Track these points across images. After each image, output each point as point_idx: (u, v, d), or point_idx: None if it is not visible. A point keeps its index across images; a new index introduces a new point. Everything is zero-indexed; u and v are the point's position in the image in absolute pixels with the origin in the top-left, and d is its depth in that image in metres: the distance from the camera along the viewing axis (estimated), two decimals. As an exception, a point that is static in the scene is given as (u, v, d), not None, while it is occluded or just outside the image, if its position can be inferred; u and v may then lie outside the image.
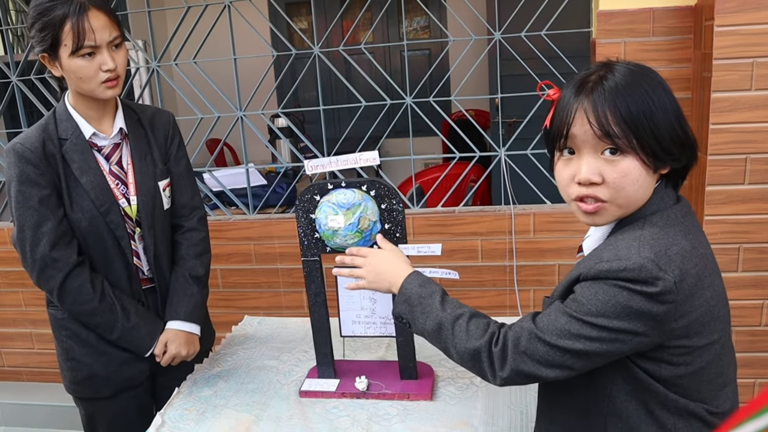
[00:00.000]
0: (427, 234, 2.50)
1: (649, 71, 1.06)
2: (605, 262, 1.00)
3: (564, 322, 1.03)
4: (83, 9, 1.46)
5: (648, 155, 1.01)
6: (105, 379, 1.70)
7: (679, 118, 1.04)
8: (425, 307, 1.20)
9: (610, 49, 2.20)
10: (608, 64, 1.07)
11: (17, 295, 2.88)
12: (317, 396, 1.55)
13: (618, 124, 1.00)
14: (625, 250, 0.99)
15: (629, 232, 1.04)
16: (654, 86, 1.02)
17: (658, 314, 0.97)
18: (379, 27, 5.81)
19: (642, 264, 0.96)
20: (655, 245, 0.99)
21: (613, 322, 0.98)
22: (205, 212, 1.83)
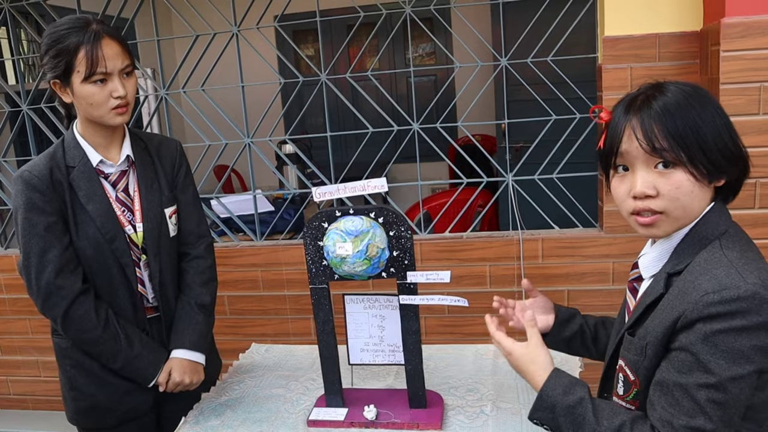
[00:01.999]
0: (435, 260, 2.49)
1: (698, 89, 1.08)
2: (712, 293, 0.96)
3: (704, 396, 0.97)
4: (97, 37, 1.49)
5: (698, 168, 1.03)
6: (108, 410, 1.69)
7: (730, 132, 1.06)
8: (576, 418, 1.08)
9: (617, 75, 2.20)
10: (657, 85, 1.10)
11: (24, 322, 2.88)
12: (325, 425, 1.53)
13: (666, 138, 1.03)
14: (727, 278, 0.97)
15: (711, 257, 1.03)
16: (702, 102, 1.05)
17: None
18: (385, 54, 5.86)
19: (754, 291, 0.95)
20: (753, 270, 0.99)
21: (745, 367, 0.95)
22: (211, 240, 1.83)
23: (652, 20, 2.17)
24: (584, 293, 2.41)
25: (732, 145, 1.05)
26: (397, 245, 1.43)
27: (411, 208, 3.84)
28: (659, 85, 1.09)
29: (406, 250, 1.43)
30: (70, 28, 1.50)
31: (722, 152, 1.04)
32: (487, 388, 1.64)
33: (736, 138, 1.07)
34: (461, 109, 4.75)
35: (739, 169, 1.08)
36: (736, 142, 1.06)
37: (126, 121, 1.60)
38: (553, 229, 2.47)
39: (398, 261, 1.44)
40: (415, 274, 1.43)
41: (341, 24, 5.52)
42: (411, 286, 1.46)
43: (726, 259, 1.01)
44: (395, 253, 1.43)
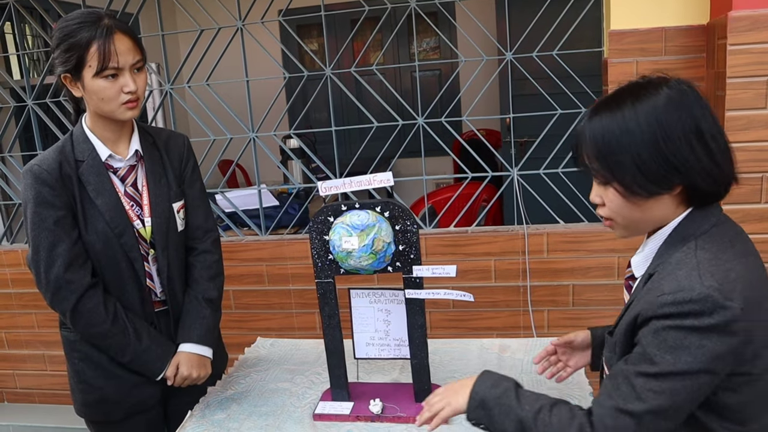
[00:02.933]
0: (439, 254, 2.49)
1: (673, 98, 1.05)
2: (668, 294, 0.98)
3: (641, 383, 0.99)
4: (110, 32, 1.49)
5: (626, 187, 1.05)
6: (116, 403, 1.69)
7: (667, 143, 1.02)
8: (502, 408, 1.12)
9: (622, 69, 2.20)
10: (621, 92, 1.09)
11: (30, 316, 2.89)
12: (331, 419, 1.53)
13: (594, 159, 1.07)
14: (686, 280, 0.98)
15: (683, 257, 1.03)
16: (650, 118, 1.03)
17: (732, 344, 0.96)
18: (390, 48, 5.85)
19: (707, 294, 0.95)
20: (716, 272, 0.98)
21: (691, 364, 0.96)
22: (218, 234, 1.83)
23: (659, 14, 2.16)
24: (589, 288, 2.41)
25: (666, 159, 1.02)
26: (403, 239, 1.43)
27: (416, 203, 3.84)
28: (621, 93, 1.08)
29: (412, 245, 1.43)
30: (82, 22, 1.50)
31: (647, 173, 1.03)
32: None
33: (679, 148, 1.02)
34: (466, 103, 4.74)
35: (697, 178, 1.03)
36: (678, 153, 1.02)
37: (136, 116, 1.61)
38: (559, 223, 2.47)
39: (404, 255, 1.44)
40: (421, 268, 1.43)
41: (345, 18, 5.51)
42: (417, 281, 1.46)
43: (695, 261, 1.01)
44: (401, 247, 1.44)
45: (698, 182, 1.04)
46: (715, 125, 1.06)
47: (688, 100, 1.05)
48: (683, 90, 1.06)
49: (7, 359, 3.00)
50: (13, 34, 4.23)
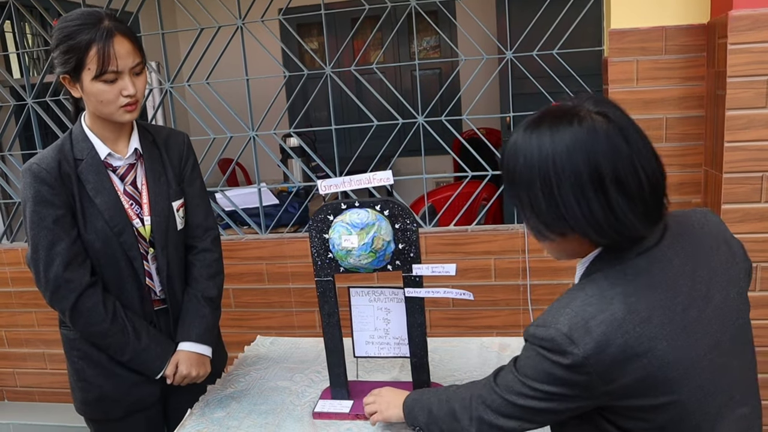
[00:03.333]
0: (439, 253, 2.49)
1: (580, 137, 0.98)
2: (534, 326, 1.03)
3: (511, 379, 1.08)
4: (110, 35, 1.47)
5: (529, 225, 1.06)
6: (115, 401, 1.70)
7: (559, 188, 0.98)
8: (420, 403, 1.32)
9: (623, 68, 2.20)
10: (542, 117, 1.05)
11: (30, 315, 2.89)
12: (331, 417, 1.53)
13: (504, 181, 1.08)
14: (551, 316, 1.01)
15: (576, 288, 1.04)
16: (540, 149, 1.00)
17: (579, 382, 0.99)
18: (390, 47, 5.85)
19: (553, 337, 0.99)
20: (578, 315, 0.98)
21: (543, 386, 1.02)
22: (218, 233, 1.83)
23: (659, 13, 2.15)
24: (589, 287, 2.41)
25: (555, 205, 0.99)
26: (403, 238, 1.43)
27: (416, 202, 3.84)
28: (544, 116, 1.03)
29: (412, 243, 1.43)
30: (82, 24, 1.48)
31: (539, 215, 1.02)
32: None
33: (572, 197, 0.98)
34: (466, 102, 4.75)
35: (589, 230, 1.00)
36: (569, 204, 0.98)
37: (134, 118, 1.60)
38: (558, 222, 2.46)
39: (404, 254, 1.44)
40: (421, 266, 1.43)
41: (346, 17, 5.51)
42: (416, 279, 1.46)
43: (573, 297, 1.02)
44: (401, 245, 1.43)
45: (590, 235, 1.01)
46: (630, 169, 0.97)
47: (596, 141, 0.97)
48: (593, 128, 0.98)
49: (8, 357, 3.00)
50: (13, 33, 4.23)
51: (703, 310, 1.02)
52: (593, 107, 1.01)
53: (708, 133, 2.16)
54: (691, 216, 1.15)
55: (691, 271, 1.04)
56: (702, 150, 2.21)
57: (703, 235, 1.11)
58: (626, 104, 2.19)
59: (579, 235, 1.01)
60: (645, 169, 0.98)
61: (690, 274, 1.04)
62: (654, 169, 1.00)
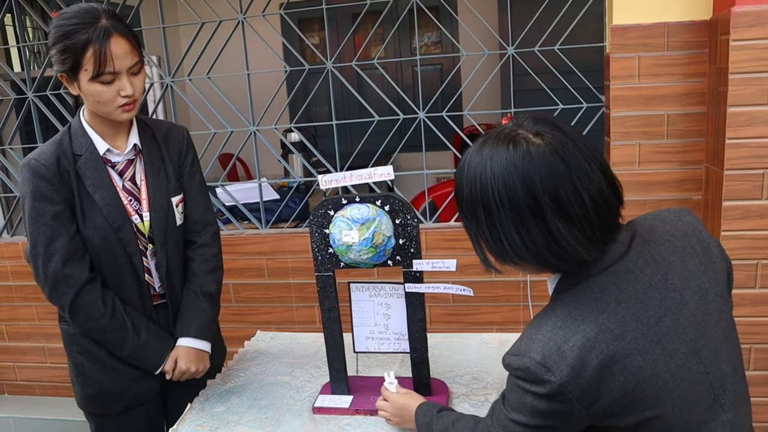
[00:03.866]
0: (440, 249, 2.49)
1: (519, 163, 0.96)
2: (508, 354, 1.03)
3: (502, 416, 1.07)
4: (107, 35, 1.45)
5: (478, 256, 1.07)
6: (115, 396, 1.70)
7: (495, 219, 0.98)
8: (430, 429, 1.32)
9: (624, 64, 2.19)
10: (508, 135, 1.00)
11: (30, 309, 2.89)
12: (331, 412, 1.54)
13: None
14: (525, 344, 1.00)
15: (544, 312, 1.04)
16: (480, 173, 0.99)
17: (561, 410, 0.98)
18: (391, 42, 5.84)
19: (527, 366, 0.97)
20: (550, 340, 0.97)
21: (528, 419, 1.02)
22: (218, 228, 1.82)
23: (661, 9, 2.15)
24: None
25: (496, 237, 0.99)
26: (403, 233, 1.43)
27: (416, 197, 3.83)
28: (488, 138, 1.01)
29: (412, 239, 1.43)
30: (79, 23, 1.45)
31: (487, 245, 1.02)
32: (492, 377, 1.64)
33: (511, 230, 0.97)
34: (467, 98, 4.75)
35: (531, 260, 0.99)
36: (509, 235, 0.98)
37: (132, 117, 1.59)
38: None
39: (404, 249, 1.44)
40: (421, 262, 1.43)
41: (347, 12, 5.50)
42: (417, 275, 1.46)
43: (543, 321, 1.01)
44: (401, 241, 1.43)
45: (534, 265, 1.01)
46: (570, 190, 0.94)
47: (531, 165, 0.95)
48: (528, 152, 0.95)
49: (8, 351, 3.00)
50: (13, 26, 4.22)
51: (677, 319, 1.00)
52: (531, 128, 0.99)
53: (709, 129, 2.16)
54: (664, 217, 1.12)
55: (662, 279, 1.01)
56: (703, 147, 2.21)
57: (676, 237, 1.08)
58: (628, 101, 2.20)
59: (524, 264, 1.01)
60: (587, 189, 0.94)
61: (661, 283, 1.01)
62: (599, 186, 0.96)
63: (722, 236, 2.06)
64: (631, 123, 2.22)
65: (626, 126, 2.23)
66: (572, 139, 0.98)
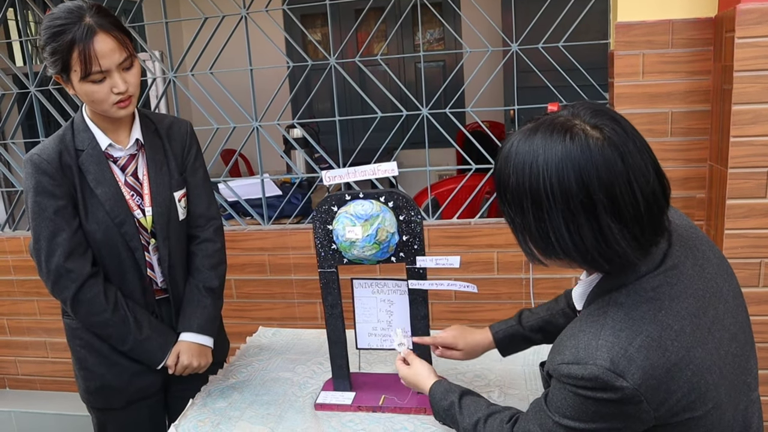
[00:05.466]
0: (442, 246, 2.48)
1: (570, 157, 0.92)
2: (565, 364, 0.97)
3: (550, 425, 1.02)
4: (90, 34, 1.43)
5: (521, 247, 1.02)
6: (117, 390, 1.70)
7: (547, 212, 0.93)
8: (452, 418, 1.29)
9: (629, 61, 2.18)
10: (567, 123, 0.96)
11: (32, 303, 2.89)
12: (333, 409, 1.53)
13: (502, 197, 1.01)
14: (583, 350, 0.95)
15: (594, 313, 0.99)
16: (532, 165, 0.94)
17: (631, 413, 0.94)
18: (394, 39, 5.83)
19: (597, 375, 0.92)
20: (614, 345, 0.93)
21: (590, 425, 0.97)
22: (221, 223, 1.82)
23: (666, 6, 2.14)
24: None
25: (544, 230, 0.95)
26: (407, 230, 1.43)
27: (418, 194, 3.82)
28: (539, 126, 0.97)
29: (416, 235, 1.43)
30: (64, 23, 1.44)
31: (530, 238, 0.99)
32: (494, 375, 1.64)
33: (560, 226, 0.93)
34: (469, 95, 4.73)
35: (578, 258, 0.96)
36: (558, 230, 0.94)
37: (130, 113, 1.58)
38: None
39: (408, 245, 1.43)
40: (425, 259, 1.42)
41: (349, 8, 5.48)
42: (420, 271, 1.46)
43: (601, 322, 0.97)
44: (405, 237, 1.43)
45: (579, 263, 0.97)
46: (625, 189, 0.90)
47: (589, 160, 0.91)
48: (587, 145, 0.91)
49: (9, 346, 3.00)
50: (15, 21, 4.21)
51: (717, 307, 1.01)
52: (589, 119, 0.95)
53: (714, 127, 2.15)
54: (672, 215, 1.11)
55: (700, 270, 1.02)
56: (707, 145, 2.20)
57: (693, 227, 1.10)
58: (632, 98, 2.19)
59: (570, 261, 0.98)
60: (642, 189, 0.92)
61: (701, 274, 1.02)
62: (653, 187, 0.93)
63: (726, 235, 2.06)
64: (635, 120, 2.18)
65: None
66: (630, 134, 0.94)
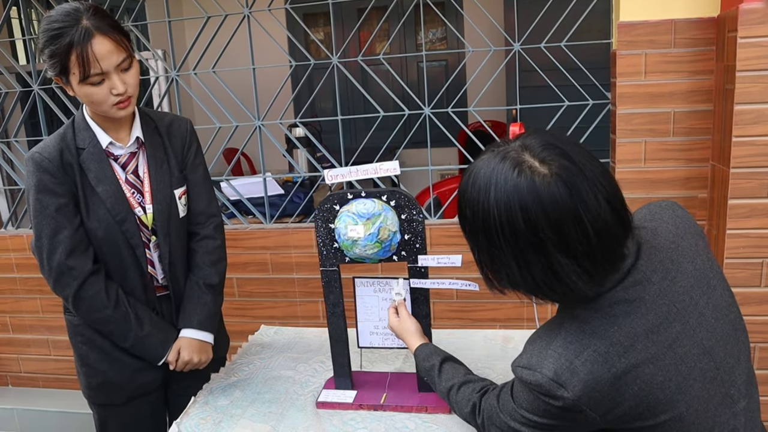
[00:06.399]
0: (444, 245, 2.49)
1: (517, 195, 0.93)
2: (519, 367, 1.03)
3: (510, 408, 1.09)
4: (87, 37, 1.43)
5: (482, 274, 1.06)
6: (118, 387, 1.71)
7: (491, 249, 0.98)
8: (431, 379, 1.38)
9: (631, 61, 2.18)
10: (513, 160, 0.96)
11: (35, 301, 2.90)
12: (334, 407, 1.54)
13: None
14: (535, 357, 1.01)
15: (553, 324, 1.04)
16: (486, 194, 0.96)
17: (577, 417, 0.99)
18: (396, 39, 5.83)
19: (540, 383, 0.98)
20: (561, 356, 0.97)
21: (542, 419, 1.03)
22: (221, 220, 1.83)
23: (668, 6, 2.14)
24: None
25: (491, 263, 1.01)
26: (409, 229, 1.43)
27: (420, 194, 3.83)
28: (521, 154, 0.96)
29: (418, 234, 1.43)
30: (62, 26, 1.44)
31: (483, 266, 1.04)
32: (495, 373, 1.64)
33: (508, 262, 0.97)
34: (471, 95, 4.73)
35: (529, 292, 1.01)
36: (505, 264, 0.98)
37: (129, 113, 1.59)
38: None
39: (410, 244, 1.44)
40: (426, 257, 1.43)
41: (352, 8, 5.49)
42: (422, 270, 1.46)
43: (552, 336, 1.01)
44: (407, 236, 1.43)
45: (532, 297, 1.01)
46: (572, 224, 0.90)
47: (535, 197, 0.91)
48: (532, 183, 0.91)
49: (12, 344, 3.01)
50: (19, 19, 4.22)
51: (686, 321, 1.00)
52: (539, 153, 0.94)
53: (716, 127, 2.15)
54: (662, 216, 1.11)
55: (670, 284, 1.01)
56: (709, 144, 2.20)
57: (680, 237, 1.08)
58: (634, 98, 2.19)
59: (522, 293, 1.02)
60: (592, 223, 0.91)
61: (669, 288, 1.01)
62: (605, 219, 0.92)
63: (728, 235, 2.06)
64: (637, 120, 2.21)
65: (632, 123, 2.22)
66: (580, 167, 0.93)
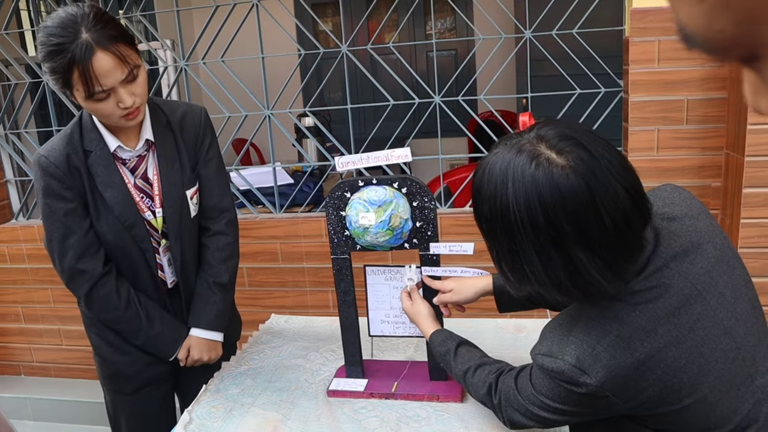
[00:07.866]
0: (454, 234, 2.48)
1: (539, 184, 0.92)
2: (540, 355, 1.04)
3: (529, 393, 1.09)
4: (89, 53, 1.36)
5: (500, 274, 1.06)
6: (129, 378, 1.74)
7: (513, 243, 0.96)
8: (447, 364, 1.37)
9: (644, 48, 2.16)
10: (530, 151, 0.95)
11: (46, 291, 2.91)
12: (345, 396, 1.54)
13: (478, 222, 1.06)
14: (556, 344, 1.01)
15: (573, 310, 1.03)
16: (503, 192, 0.96)
17: (600, 403, 0.99)
18: (405, 28, 5.80)
19: (562, 370, 0.98)
20: (583, 342, 0.97)
21: (563, 405, 1.04)
22: (234, 215, 1.77)
23: (682, -9, 2.11)
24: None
25: (513, 259, 0.98)
26: (421, 216, 1.42)
27: (431, 183, 3.81)
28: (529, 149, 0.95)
29: (430, 221, 1.42)
30: (60, 41, 1.37)
31: (503, 263, 1.02)
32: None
33: (533, 257, 0.95)
34: (481, 84, 4.70)
35: (551, 291, 0.98)
36: (530, 261, 0.95)
37: (139, 121, 1.54)
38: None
39: (421, 232, 1.43)
40: (438, 245, 1.42)
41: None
42: (434, 258, 1.45)
43: (572, 324, 1.01)
44: (418, 223, 1.42)
45: (556, 294, 0.98)
46: (591, 217, 0.89)
47: (552, 191, 0.90)
48: (550, 176, 0.91)
49: (24, 333, 3.03)
50: (27, 11, 4.22)
51: (707, 302, 1.00)
52: (555, 144, 0.93)
53: (730, 115, 2.12)
54: (673, 199, 1.11)
55: (689, 267, 1.01)
56: (723, 132, 2.17)
57: (695, 218, 1.08)
58: (646, 85, 2.17)
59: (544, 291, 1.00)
60: (611, 214, 0.90)
61: (689, 271, 1.00)
62: (624, 208, 0.91)
63: (742, 224, 2.03)
64: (650, 108, 2.19)
65: (645, 111, 2.20)
66: (598, 156, 0.92)
